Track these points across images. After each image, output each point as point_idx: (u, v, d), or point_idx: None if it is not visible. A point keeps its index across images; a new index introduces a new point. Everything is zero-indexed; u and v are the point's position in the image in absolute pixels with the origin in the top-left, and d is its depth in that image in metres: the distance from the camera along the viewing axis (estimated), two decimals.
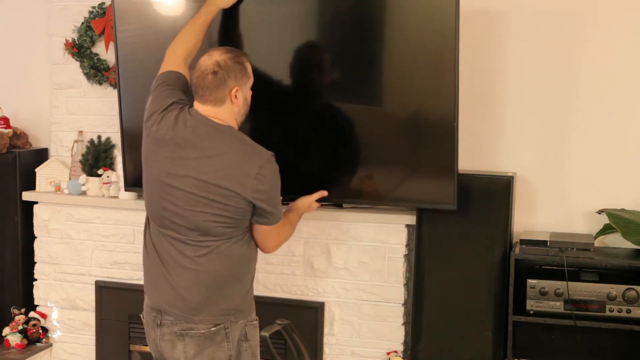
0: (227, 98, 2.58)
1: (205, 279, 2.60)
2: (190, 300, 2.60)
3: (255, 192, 2.53)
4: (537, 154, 3.35)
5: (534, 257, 3.10)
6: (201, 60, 2.61)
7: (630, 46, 3.23)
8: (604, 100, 3.27)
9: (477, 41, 3.33)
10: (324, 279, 3.45)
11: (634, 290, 3.01)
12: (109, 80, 3.73)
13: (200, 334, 2.59)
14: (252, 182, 2.52)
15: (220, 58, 2.57)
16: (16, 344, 3.78)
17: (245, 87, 2.64)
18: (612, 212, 3.13)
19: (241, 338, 2.66)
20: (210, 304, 2.61)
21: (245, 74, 2.62)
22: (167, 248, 2.64)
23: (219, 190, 2.52)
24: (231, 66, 2.58)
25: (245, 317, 2.68)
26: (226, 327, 2.61)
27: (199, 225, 2.56)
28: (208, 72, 2.56)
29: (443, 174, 3.04)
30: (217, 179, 2.52)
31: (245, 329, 2.66)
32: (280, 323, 2.70)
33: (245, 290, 2.69)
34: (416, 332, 3.27)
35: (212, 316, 2.60)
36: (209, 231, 2.57)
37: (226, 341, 2.62)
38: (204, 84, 2.57)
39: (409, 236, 3.35)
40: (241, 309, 2.66)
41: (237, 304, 2.64)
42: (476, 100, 3.34)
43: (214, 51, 2.62)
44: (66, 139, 3.86)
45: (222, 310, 2.61)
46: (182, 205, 2.57)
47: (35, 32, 3.97)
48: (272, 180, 2.58)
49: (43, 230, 3.82)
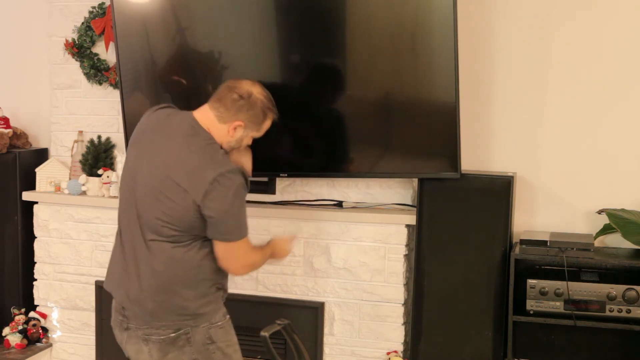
0: (229, 124, 2.57)
1: (157, 284, 2.54)
2: (145, 305, 2.55)
3: (206, 198, 2.43)
4: (537, 154, 3.36)
5: (534, 257, 3.10)
6: (242, 81, 2.62)
7: (631, 46, 3.23)
8: (604, 101, 3.27)
9: (477, 40, 3.33)
10: (324, 279, 3.45)
11: (634, 290, 3.01)
12: (109, 80, 3.73)
13: (161, 339, 2.55)
14: (207, 187, 2.43)
15: (255, 93, 2.59)
16: (16, 344, 3.78)
17: (249, 132, 2.63)
18: (612, 212, 3.13)
19: (206, 341, 2.58)
20: (165, 309, 2.54)
21: (259, 124, 2.63)
22: (132, 242, 2.58)
23: (174, 186, 2.46)
24: (256, 107, 2.59)
25: (208, 320, 2.58)
26: (187, 332, 2.55)
27: (150, 222, 2.51)
28: (237, 92, 2.57)
29: (446, 145, 3.08)
30: (177, 176, 2.47)
31: (209, 332, 2.58)
32: (280, 323, 2.69)
33: (202, 296, 2.57)
34: (416, 332, 3.27)
35: (170, 322, 2.54)
36: (157, 229, 2.50)
37: (188, 346, 2.56)
38: (224, 96, 2.58)
39: (409, 236, 3.35)
40: (201, 313, 2.57)
41: (194, 309, 2.56)
42: (476, 100, 3.34)
43: (258, 86, 2.63)
44: (66, 139, 3.86)
45: (179, 317, 2.54)
46: (143, 196, 2.53)
47: (35, 32, 3.97)
48: (229, 193, 2.45)
49: (43, 230, 3.82)
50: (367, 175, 3.36)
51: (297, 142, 3.22)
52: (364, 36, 3.15)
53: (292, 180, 3.54)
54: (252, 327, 3.24)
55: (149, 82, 3.37)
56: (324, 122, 3.19)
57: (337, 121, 3.21)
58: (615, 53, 3.24)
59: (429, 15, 3.06)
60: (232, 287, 3.52)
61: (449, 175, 3.13)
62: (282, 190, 3.56)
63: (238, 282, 3.53)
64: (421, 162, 3.21)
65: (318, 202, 3.51)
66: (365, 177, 3.41)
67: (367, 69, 3.15)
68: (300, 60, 3.24)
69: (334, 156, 3.28)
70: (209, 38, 3.30)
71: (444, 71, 3.03)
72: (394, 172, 3.30)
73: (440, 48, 3.03)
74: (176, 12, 3.26)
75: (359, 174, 3.34)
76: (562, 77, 3.30)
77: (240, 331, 3.39)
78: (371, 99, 3.21)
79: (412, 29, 3.10)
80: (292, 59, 3.26)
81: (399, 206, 3.45)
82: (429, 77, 3.14)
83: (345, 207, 3.46)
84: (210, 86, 3.31)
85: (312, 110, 3.20)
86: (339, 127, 3.22)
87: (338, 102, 3.21)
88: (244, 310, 3.50)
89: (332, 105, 3.21)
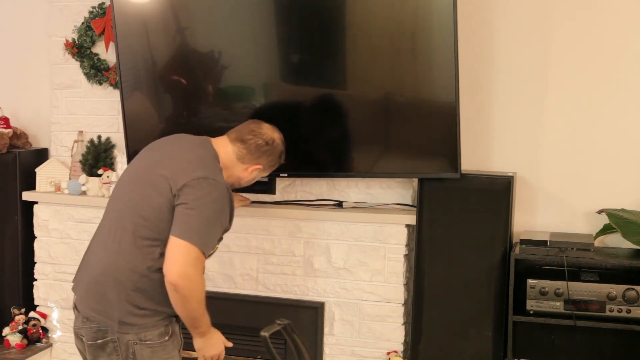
0: (248, 165, 2.66)
1: (101, 270, 2.45)
2: (81, 296, 2.49)
3: (185, 186, 2.39)
4: (537, 154, 3.35)
5: (534, 257, 3.10)
6: (264, 125, 2.70)
7: (631, 46, 3.23)
8: (605, 100, 3.27)
9: (477, 40, 3.33)
10: (324, 279, 3.45)
11: (634, 290, 3.01)
12: (109, 80, 3.73)
13: (89, 344, 2.47)
14: (190, 181, 2.40)
15: (277, 140, 2.72)
16: (16, 344, 3.78)
17: (262, 174, 2.75)
18: (612, 212, 3.13)
19: (129, 356, 2.42)
20: (92, 305, 2.45)
21: (272, 167, 2.78)
22: (107, 229, 2.55)
23: (159, 176, 2.44)
24: (276, 153, 2.72)
25: (137, 333, 2.41)
26: (114, 340, 2.41)
27: (132, 216, 2.47)
28: (263, 138, 2.66)
29: (446, 145, 3.09)
30: (166, 166, 2.47)
31: (133, 346, 2.41)
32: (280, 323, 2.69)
33: (134, 305, 2.41)
34: (416, 332, 3.27)
35: (97, 323, 2.43)
36: (135, 222, 2.45)
37: (115, 354, 2.43)
38: (248, 139, 2.65)
39: (409, 236, 3.35)
40: (128, 322, 2.40)
41: (119, 315, 2.41)
42: (476, 100, 3.34)
43: (277, 131, 2.75)
44: (66, 139, 3.86)
45: (105, 317, 2.42)
46: (132, 187, 2.54)
47: (35, 32, 3.97)
48: (211, 194, 2.41)
49: (43, 230, 3.82)
50: (367, 175, 3.36)
51: (297, 142, 3.22)
52: (364, 36, 3.15)
53: (292, 180, 3.54)
54: (252, 327, 3.24)
55: (149, 82, 3.38)
56: (324, 122, 3.19)
57: (337, 121, 3.21)
58: (615, 53, 3.24)
59: (429, 15, 3.06)
60: (232, 287, 3.55)
61: (449, 175, 3.13)
62: (282, 190, 3.56)
63: (238, 282, 3.53)
64: (421, 162, 3.21)
65: (318, 202, 3.51)
66: (365, 177, 3.41)
67: (367, 69, 3.15)
68: (300, 60, 3.24)
69: (334, 156, 3.28)
70: (209, 38, 3.30)
71: (444, 71, 3.04)
72: (394, 172, 3.30)
73: (440, 48, 3.04)
74: (176, 12, 3.26)
75: (359, 174, 3.34)
76: (562, 76, 3.30)
77: (240, 331, 3.41)
78: (371, 99, 3.21)
79: (412, 28, 3.10)
80: (292, 59, 3.26)
81: (399, 206, 3.45)
82: (429, 77, 3.14)
83: (345, 207, 3.46)
84: (210, 86, 3.32)
85: (312, 110, 3.20)
86: (339, 127, 3.23)
87: (338, 102, 3.21)
88: (244, 310, 3.51)
89: (332, 105, 3.21)
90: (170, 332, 2.47)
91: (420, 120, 3.17)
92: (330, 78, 3.23)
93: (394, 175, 3.34)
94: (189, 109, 3.37)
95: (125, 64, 3.33)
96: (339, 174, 3.33)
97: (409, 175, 3.34)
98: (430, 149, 3.20)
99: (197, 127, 3.30)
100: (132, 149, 3.38)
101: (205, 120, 3.32)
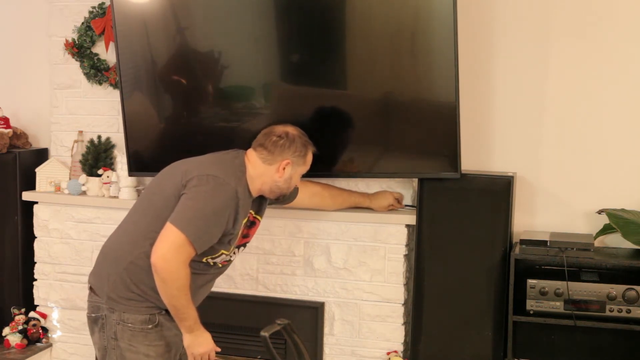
0: (277, 164, 2.68)
1: (106, 244, 2.69)
2: (93, 266, 2.70)
3: (193, 178, 2.52)
4: (537, 154, 3.35)
5: (534, 257, 3.10)
6: (276, 125, 2.76)
7: (631, 46, 3.23)
8: (605, 100, 3.27)
9: (477, 40, 3.33)
10: (324, 279, 3.45)
11: (634, 290, 3.01)
12: (109, 80, 3.73)
13: (87, 316, 2.65)
14: (198, 173, 2.54)
15: (292, 131, 2.72)
16: (16, 344, 3.78)
17: (297, 168, 2.75)
18: (612, 212, 3.13)
19: (111, 335, 2.53)
20: (94, 275, 2.64)
21: (303, 157, 2.75)
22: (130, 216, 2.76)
23: (175, 171, 2.63)
24: (297, 142, 2.72)
25: (121, 313, 2.52)
26: (103, 317, 2.55)
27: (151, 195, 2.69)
28: (274, 134, 2.71)
29: (446, 145, 3.08)
30: (184, 164, 2.65)
31: (116, 326, 2.52)
32: (280, 323, 2.69)
33: (124, 286, 2.53)
34: (416, 332, 3.27)
35: (94, 296, 2.60)
36: (151, 200, 2.65)
37: (102, 331, 2.56)
38: (264, 142, 2.70)
39: (409, 236, 3.35)
40: (114, 299, 2.53)
41: (108, 289, 2.54)
42: (476, 100, 3.34)
43: (290, 125, 2.77)
44: (66, 139, 3.86)
45: (99, 290, 2.58)
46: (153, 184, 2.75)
47: (35, 32, 3.97)
48: (212, 191, 2.51)
49: (43, 230, 3.82)
50: (367, 175, 3.36)
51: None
52: (364, 36, 3.15)
53: None
54: (252, 327, 3.25)
55: (149, 82, 3.37)
56: (323, 122, 3.19)
57: (337, 121, 3.21)
58: (615, 53, 3.24)
59: (429, 15, 3.06)
60: (232, 287, 3.55)
61: (449, 175, 3.13)
62: None
63: (238, 282, 3.53)
64: (421, 162, 3.21)
65: None
66: (365, 177, 3.40)
67: (367, 69, 3.14)
68: (300, 60, 3.24)
69: (334, 156, 3.27)
70: (209, 38, 3.30)
71: (444, 71, 3.03)
72: (394, 172, 3.30)
73: (440, 48, 3.03)
74: (176, 12, 3.26)
75: (359, 174, 3.33)
76: (562, 77, 3.30)
77: (240, 331, 3.41)
78: (371, 99, 3.20)
79: (412, 28, 3.10)
80: (292, 58, 3.26)
81: (405, 177, 3.43)
82: (429, 77, 3.13)
83: None
84: (210, 86, 3.32)
85: (312, 110, 3.20)
86: (339, 127, 3.22)
87: (338, 102, 3.21)
88: (244, 310, 3.50)
89: (332, 105, 3.21)
90: (156, 322, 2.53)
91: (420, 120, 3.16)
92: (330, 78, 3.23)
93: (394, 175, 3.34)
94: (189, 109, 3.37)
95: (125, 64, 3.33)
96: (339, 174, 3.33)
97: (409, 175, 3.34)
98: (430, 149, 3.20)
99: (197, 127, 3.30)
100: (132, 149, 3.38)
101: (205, 120, 3.32)
